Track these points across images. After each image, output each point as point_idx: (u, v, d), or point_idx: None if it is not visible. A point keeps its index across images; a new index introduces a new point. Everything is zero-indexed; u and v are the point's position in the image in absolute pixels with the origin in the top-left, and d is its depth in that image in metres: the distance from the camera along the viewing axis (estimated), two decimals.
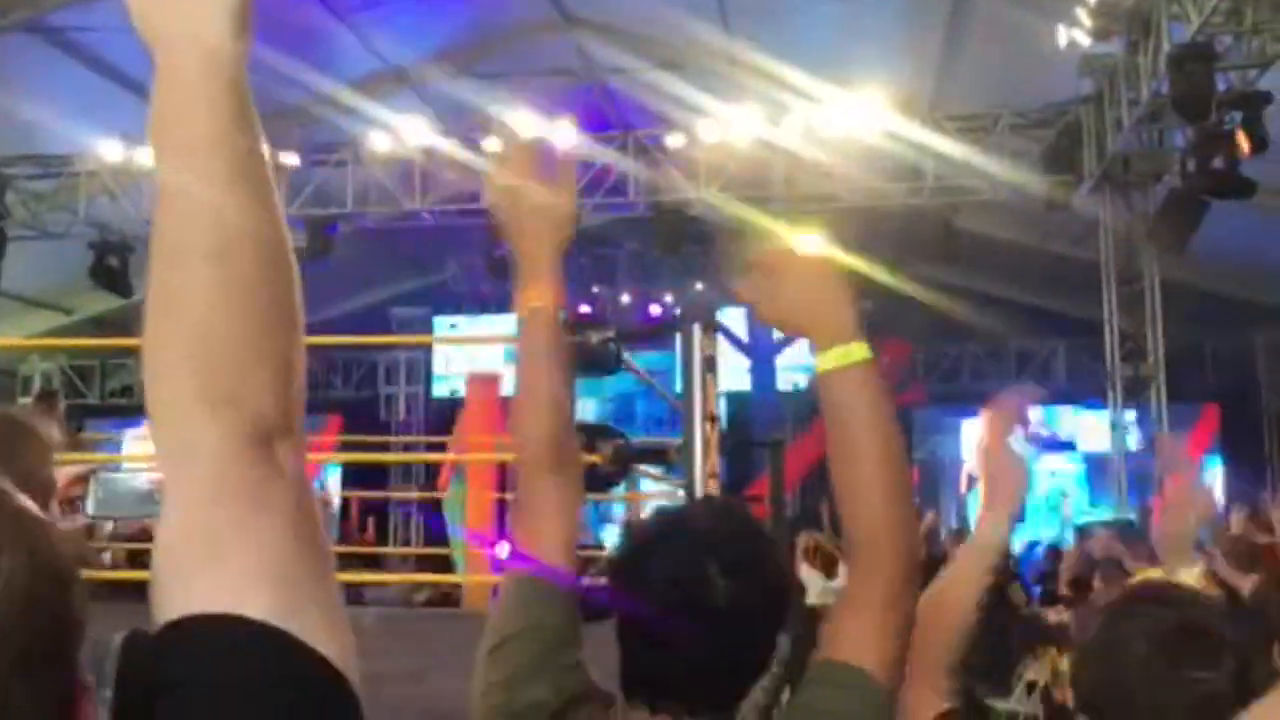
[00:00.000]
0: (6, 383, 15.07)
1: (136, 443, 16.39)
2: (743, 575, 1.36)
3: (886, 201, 10.97)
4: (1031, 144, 10.42)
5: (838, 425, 1.37)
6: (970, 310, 13.55)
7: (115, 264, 11.89)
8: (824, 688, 1.33)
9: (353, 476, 15.30)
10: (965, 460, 15.36)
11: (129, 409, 16.76)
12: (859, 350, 1.38)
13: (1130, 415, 10.47)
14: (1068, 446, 14.74)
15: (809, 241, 1.32)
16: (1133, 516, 8.91)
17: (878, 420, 1.36)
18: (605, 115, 11.24)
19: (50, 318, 14.01)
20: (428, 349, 15.76)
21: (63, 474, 1.69)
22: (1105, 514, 11.18)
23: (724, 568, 1.35)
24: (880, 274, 13.12)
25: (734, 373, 11.63)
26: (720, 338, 4.17)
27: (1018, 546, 12.34)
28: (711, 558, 1.35)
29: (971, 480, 1.83)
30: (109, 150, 10.96)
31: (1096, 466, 13.68)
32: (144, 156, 11.00)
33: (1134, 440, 10.58)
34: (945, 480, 15.73)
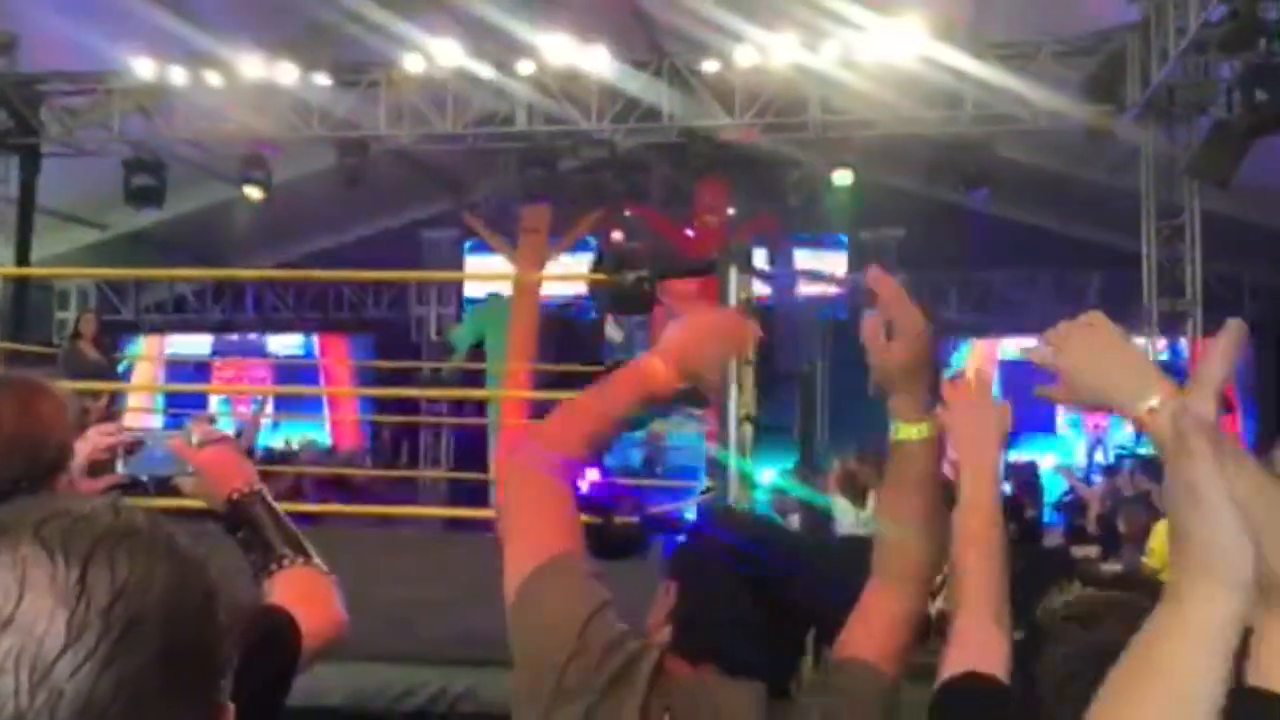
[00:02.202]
0: (43, 297, 15.23)
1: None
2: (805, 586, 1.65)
3: (924, 129, 10.82)
4: (1073, 72, 10.22)
5: (905, 485, 1.68)
6: (1006, 239, 13.44)
7: (149, 181, 11.93)
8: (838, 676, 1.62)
9: (383, 400, 15.44)
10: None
11: (161, 324, 16.95)
12: (929, 427, 1.67)
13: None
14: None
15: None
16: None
17: (934, 482, 1.68)
18: (639, 39, 11.08)
19: (85, 233, 14.11)
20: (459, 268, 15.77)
21: (90, 442, 1.72)
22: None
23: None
24: (914, 201, 13.03)
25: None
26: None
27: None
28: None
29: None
30: (142, 67, 10.94)
31: None
32: (176, 75, 10.99)
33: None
34: None
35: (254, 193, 12.09)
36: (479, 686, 3.57)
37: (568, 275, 13.77)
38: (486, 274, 15.10)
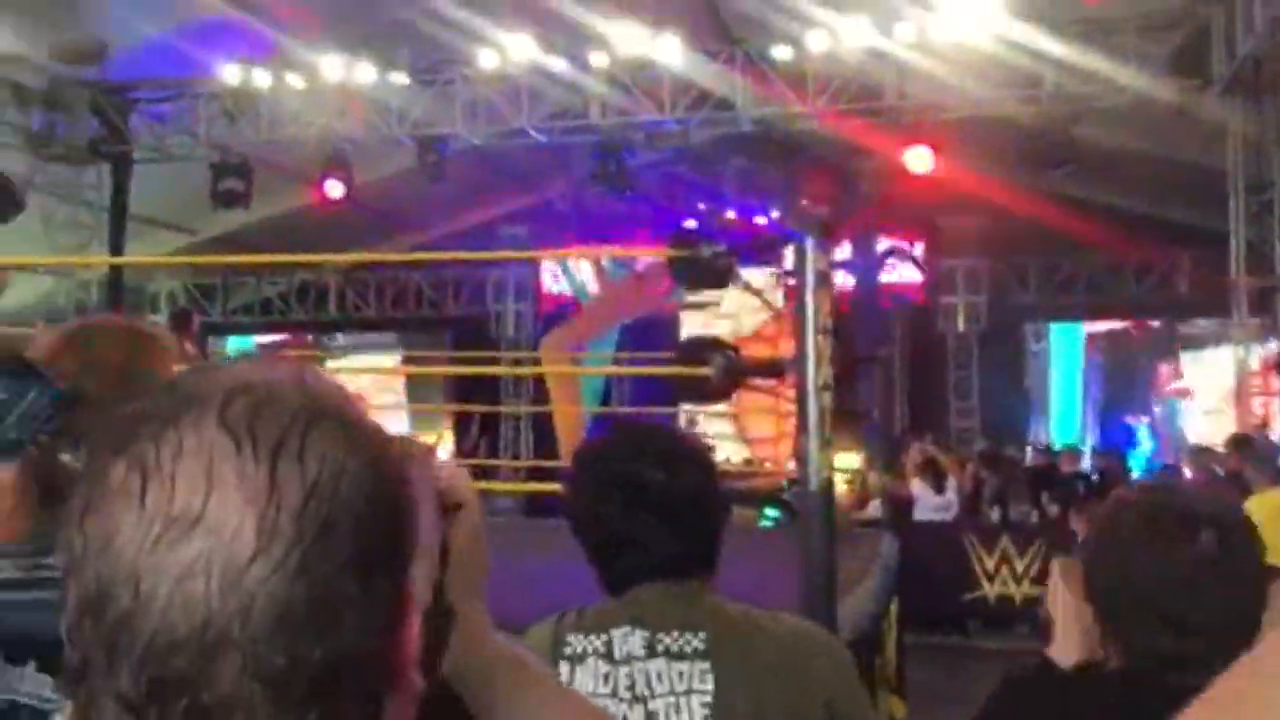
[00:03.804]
0: (135, 300, 15.69)
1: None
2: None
3: (1002, 111, 10.68)
4: (1157, 47, 10.02)
5: None
6: (1087, 221, 13.20)
7: (235, 184, 12.23)
8: None
9: (464, 391, 15.66)
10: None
11: (248, 325, 17.39)
12: None
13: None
14: None
15: None
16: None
17: None
18: (710, 28, 11.10)
19: (175, 238, 14.49)
20: (536, 267, 15.96)
21: None
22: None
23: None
24: (994, 185, 12.86)
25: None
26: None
27: None
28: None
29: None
30: (228, 73, 11.22)
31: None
32: (260, 79, 11.26)
33: (1257, 355, 10.29)
34: (1056, 393, 15.51)
35: (336, 193, 12.34)
36: None
37: (643, 250, 13.84)
38: (563, 253, 15.19)
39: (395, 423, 15.31)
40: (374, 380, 15.55)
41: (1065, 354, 15.74)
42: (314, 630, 0.63)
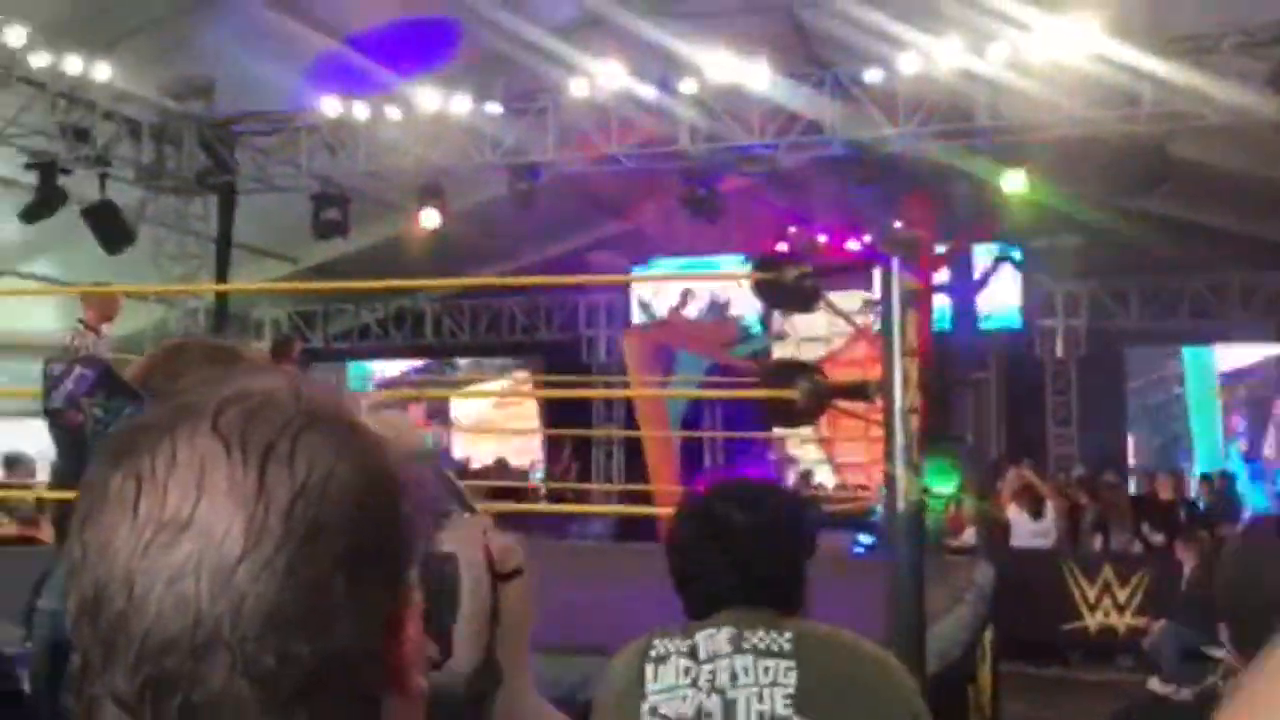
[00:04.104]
0: (240, 326, 16.17)
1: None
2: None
3: (1098, 130, 10.47)
4: (1258, 64, 9.74)
5: None
6: (1188, 242, 12.87)
7: (334, 215, 12.55)
8: None
9: (556, 416, 15.80)
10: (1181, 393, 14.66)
11: (349, 352, 17.79)
12: None
13: None
14: None
15: None
16: None
17: None
18: (800, 52, 11.10)
19: (277, 267, 14.92)
20: (626, 292, 16.06)
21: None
22: None
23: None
24: (1090, 208, 12.61)
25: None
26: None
27: None
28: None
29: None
30: (329, 106, 11.54)
31: None
32: (359, 111, 11.57)
33: None
34: (1161, 415, 15.09)
35: (431, 222, 12.58)
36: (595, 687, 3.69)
37: (726, 275, 13.85)
38: (653, 276, 15.27)
39: (531, 445, 15.63)
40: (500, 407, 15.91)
41: (1197, 378, 15.29)
42: (303, 630, 0.64)
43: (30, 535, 8.28)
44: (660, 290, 15.52)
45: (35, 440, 8.89)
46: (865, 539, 9.36)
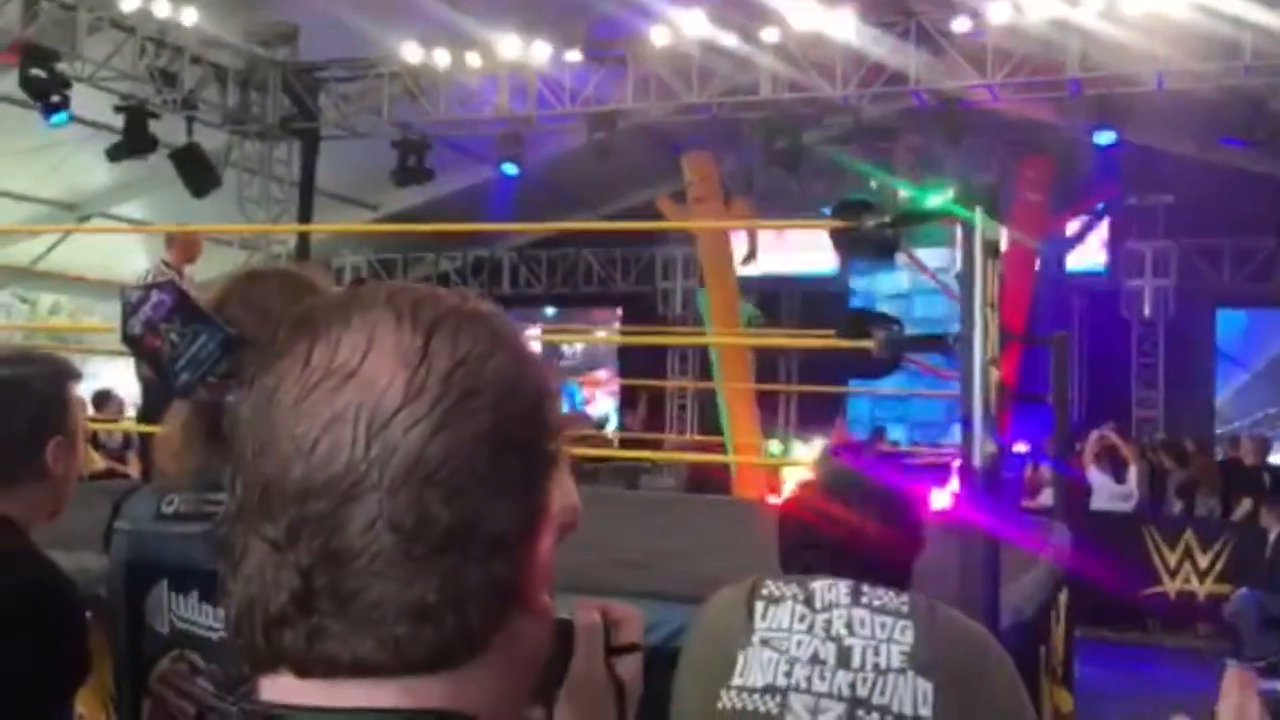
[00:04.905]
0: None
1: None
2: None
3: (1196, 84, 10.11)
4: None
5: None
6: None
7: (415, 162, 12.63)
8: None
9: (631, 368, 15.84)
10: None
11: None
12: None
13: None
14: None
15: None
16: None
17: None
18: (886, 1, 10.84)
19: (358, 214, 15.08)
20: None
21: None
22: None
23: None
24: (1184, 163, 12.23)
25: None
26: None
27: None
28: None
29: None
30: (409, 52, 11.57)
31: None
32: (440, 58, 11.59)
33: None
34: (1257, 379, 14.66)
35: (510, 170, 12.61)
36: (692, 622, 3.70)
37: (804, 223, 13.70)
38: (730, 224, 15.17)
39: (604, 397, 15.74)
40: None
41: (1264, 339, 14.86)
42: (444, 490, 0.66)
43: (117, 470, 8.54)
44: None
45: (126, 379, 9.15)
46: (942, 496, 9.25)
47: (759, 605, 1.89)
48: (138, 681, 1.61)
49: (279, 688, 0.68)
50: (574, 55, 11.44)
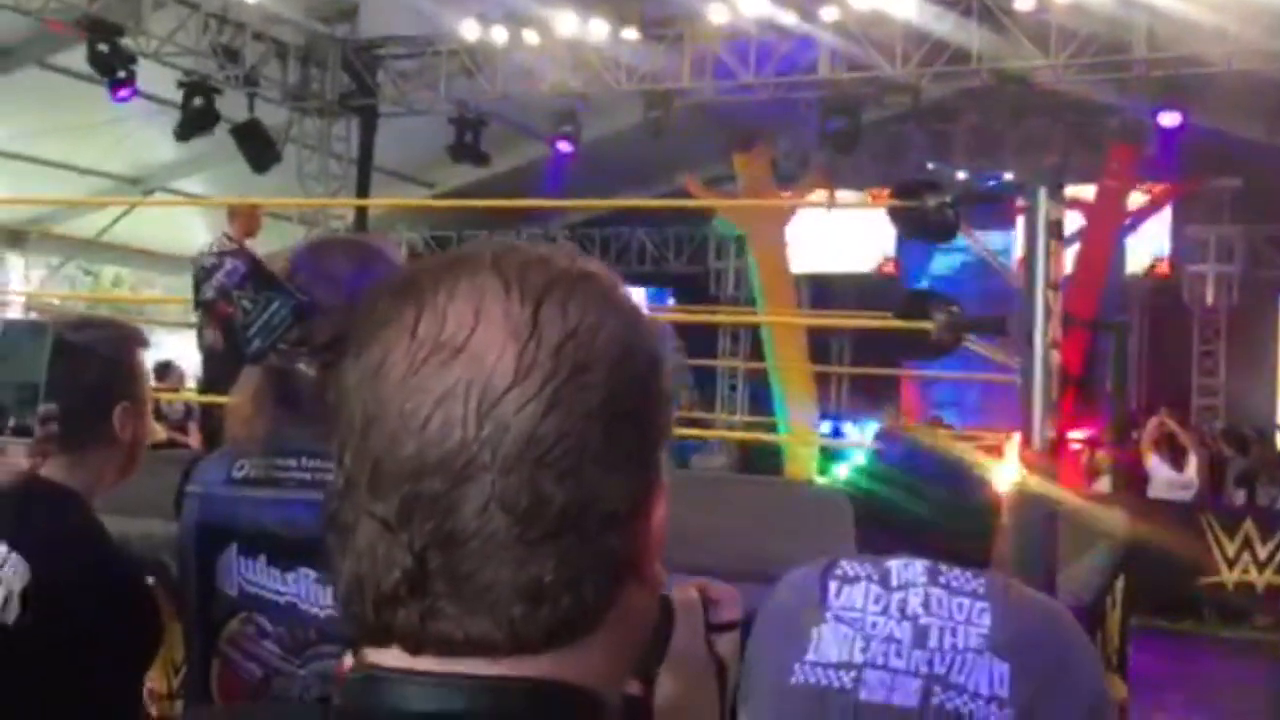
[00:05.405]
0: None
1: None
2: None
3: (1266, 64, 9.87)
4: None
5: None
6: None
7: (472, 139, 12.67)
8: None
9: (682, 348, 15.77)
10: None
11: None
12: None
13: None
14: None
15: None
16: None
17: None
18: None
19: (415, 191, 15.17)
20: None
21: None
22: None
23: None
24: (1251, 146, 11.95)
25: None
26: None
27: None
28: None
29: None
30: (467, 30, 11.60)
31: None
32: (497, 35, 11.60)
33: None
34: None
35: (565, 148, 12.61)
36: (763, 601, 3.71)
37: (864, 202, 13.60)
38: (797, 201, 15.10)
39: None
40: None
41: None
42: (557, 471, 0.65)
43: (178, 440, 8.69)
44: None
45: (186, 351, 9.30)
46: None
47: (833, 584, 1.89)
48: (207, 644, 1.64)
49: (388, 657, 0.67)
50: (631, 33, 11.39)
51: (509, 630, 0.65)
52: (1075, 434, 9.53)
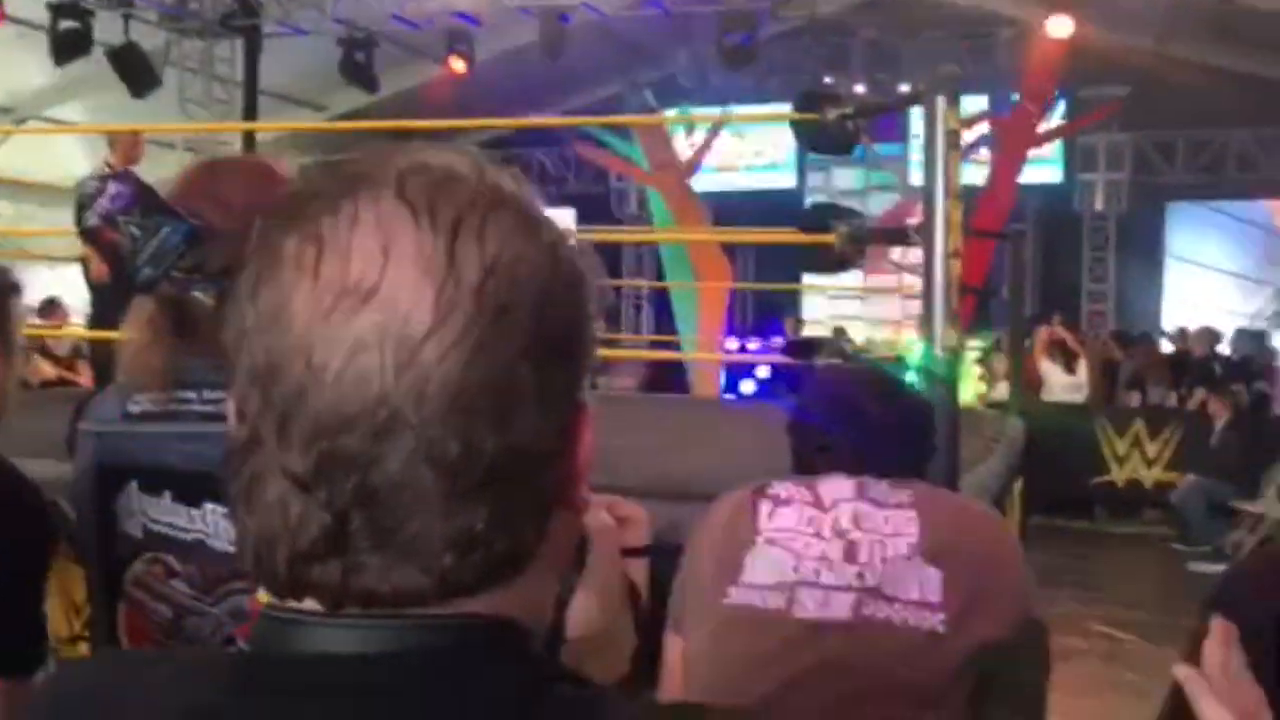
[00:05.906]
0: None
1: None
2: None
3: None
4: None
5: None
6: (1244, 95, 12.42)
7: (362, 61, 12.30)
8: None
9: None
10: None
11: None
12: None
13: None
14: None
15: None
16: None
17: None
18: None
19: (305, 114, 14.71)
20: None
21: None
22: None
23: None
24: (1140, 55, 12.16)
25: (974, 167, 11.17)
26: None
27: None
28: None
29: None
30: None
31: None
32: None
33: None
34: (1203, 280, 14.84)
35: (458, 68, 12.33)
36: (680, 520, 3.73)
37: (762, 115, 13.60)
38: (685, 118, 15.03)
39: None
40: None
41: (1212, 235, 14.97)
42: (487, 418, 0.60)
43: (68, 378, 8.41)
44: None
45: (69, 287, 8.96)
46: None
47: (764, 506, 1.90)
48: (111, 587, 1.58)
49: (304, 607, 0.64)
50: None
51: (438, 578, 0.62)
52: (975, 342, 9.77)
